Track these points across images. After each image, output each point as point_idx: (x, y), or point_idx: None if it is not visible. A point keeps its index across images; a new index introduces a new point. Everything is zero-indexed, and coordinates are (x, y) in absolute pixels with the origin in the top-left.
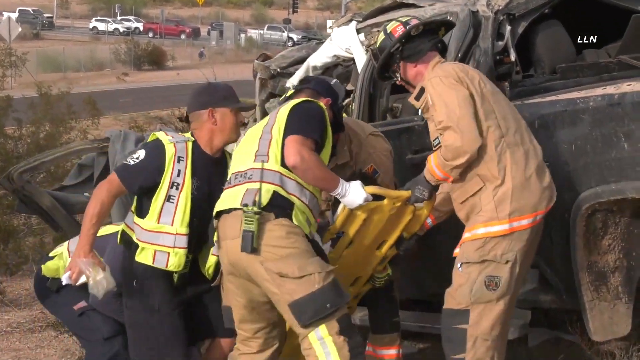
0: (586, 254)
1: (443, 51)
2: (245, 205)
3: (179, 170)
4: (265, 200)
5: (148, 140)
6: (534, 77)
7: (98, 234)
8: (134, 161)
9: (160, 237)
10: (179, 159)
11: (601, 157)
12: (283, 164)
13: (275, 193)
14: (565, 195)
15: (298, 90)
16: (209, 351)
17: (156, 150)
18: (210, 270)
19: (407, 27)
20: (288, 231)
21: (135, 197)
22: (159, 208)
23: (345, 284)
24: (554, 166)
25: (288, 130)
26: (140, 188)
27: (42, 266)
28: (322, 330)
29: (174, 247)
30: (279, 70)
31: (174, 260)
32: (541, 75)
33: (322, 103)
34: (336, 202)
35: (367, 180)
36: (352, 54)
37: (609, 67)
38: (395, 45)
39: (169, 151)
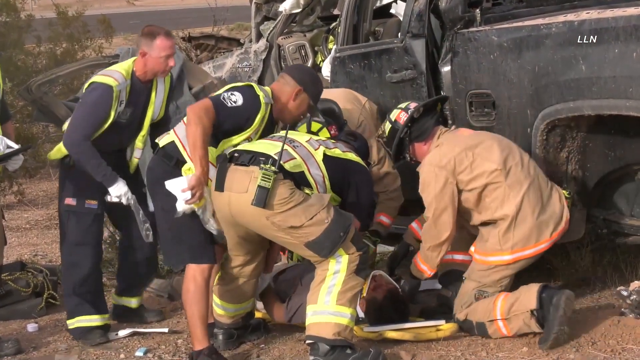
0: (546, 165)
1: (444, 123)
2: (274, 162)
3: (257, 130)
4: (289, 168)
5: (241, 86)
6: (502, 4)
7: None
8: (231, 104)
9: (211, 169)
10: (263, 119)
11: (561, 77)
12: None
13: (302, 172)
14: (528, 112)
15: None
16: None
17: (253, 104)
18: None
19: (409, 112)
20: (291, 192)
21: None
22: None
23: None
24: (518, 86)
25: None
26: (225, 129)
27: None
28: (339, 252)
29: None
30: None
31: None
32: (509, 3)
33: None
34: None
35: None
36: None
37: None
38: (404, 130)
39: (262, 111)
